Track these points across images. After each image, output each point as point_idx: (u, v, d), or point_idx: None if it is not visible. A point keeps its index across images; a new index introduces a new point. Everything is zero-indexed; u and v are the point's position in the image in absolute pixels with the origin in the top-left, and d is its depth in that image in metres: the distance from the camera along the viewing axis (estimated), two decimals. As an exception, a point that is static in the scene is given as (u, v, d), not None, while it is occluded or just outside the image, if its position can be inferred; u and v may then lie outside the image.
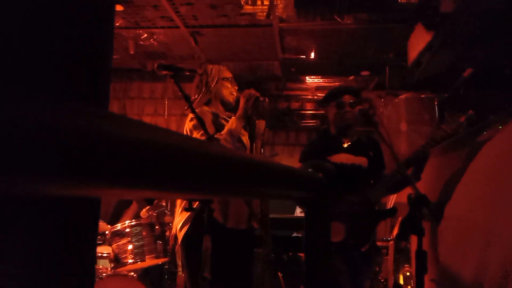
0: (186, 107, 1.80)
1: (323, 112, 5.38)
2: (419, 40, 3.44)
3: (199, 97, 2.10)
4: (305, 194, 0.76)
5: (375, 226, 2.27)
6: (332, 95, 2.38)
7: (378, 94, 4.80)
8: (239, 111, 1.97)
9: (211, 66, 2.23)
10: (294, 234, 3.44)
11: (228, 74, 2.20)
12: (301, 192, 0.74)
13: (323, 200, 0.86)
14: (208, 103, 2.14)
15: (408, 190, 2.34)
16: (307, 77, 4.69)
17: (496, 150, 2.21)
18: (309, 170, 0.89)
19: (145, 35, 3.49)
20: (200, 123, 1.63)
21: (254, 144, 2.16)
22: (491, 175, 2.15)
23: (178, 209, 2.05)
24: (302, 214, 4.31)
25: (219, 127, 2.01)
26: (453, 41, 3.25)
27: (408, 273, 3.31)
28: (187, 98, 1.66)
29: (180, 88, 1.69)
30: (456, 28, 3.00)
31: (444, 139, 2.19)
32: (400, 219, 3.65)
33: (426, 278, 1.81)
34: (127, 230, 2.75)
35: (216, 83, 2.16)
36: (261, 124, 2.17)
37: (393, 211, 2.33)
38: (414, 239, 2.41)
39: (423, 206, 1.84)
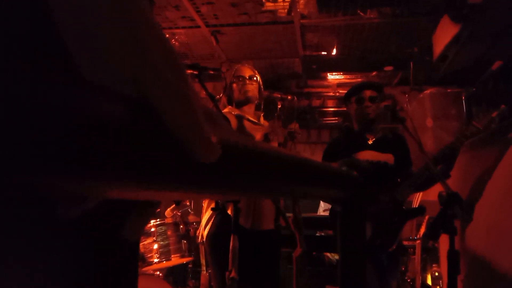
0: (211, 107, 1.79)
1: (345, 109, 5.32)
2: (445, 33, 3.34)
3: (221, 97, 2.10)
4: (341, 194, 0.74)
5: (403, 226, 2.21)
6: (353, 91, 2.35)
7: (402, 90, 4.70)
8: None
9: (231, 66, 2.24)
10: (318, 233, 3.40)
11: (243, 73, 2.17)
12: (337, 191, 0.71)
13: (359, 199, 0.83)
14: (230, 103, 2.14)
15: (435, 188, 2.27)
16: (328, 74, 4.62)
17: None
18: (344, 168, 0.86)
19: (167, 35, 3.51)
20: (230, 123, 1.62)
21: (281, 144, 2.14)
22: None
23: (205, 207, 2.04)
24: (325, 213, 4.26)
25: (241, 130, 2.00)
26: (482, 33, 3.14)
27: (436, 273, 3.22)
28: (212, 97, 1.65)
29: (205, 87, 1.68)
30: (484, 19, 2.90)
31: (474, 135, 2.11)
32: (427, 217, 3.57)
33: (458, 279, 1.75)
34: (152, 229, 2.78)
35: (230, 83, 2.16)
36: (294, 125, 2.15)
37: (422, 210, 2.26)
38: (442, 239, 2.33)
39: (455, 204, 1.77)
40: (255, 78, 2.17)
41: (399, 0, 2.89)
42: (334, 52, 3.83)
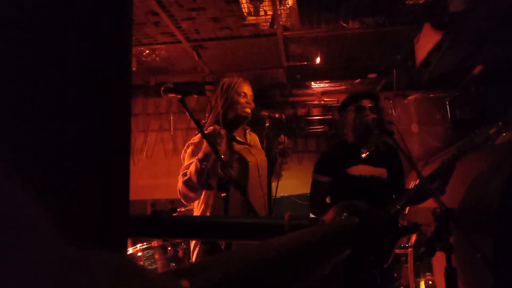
0: (196, 132, 1.72)
1: (330, 117, 5.31)
2: (427, 40, 3.36)
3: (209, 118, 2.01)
4: (348, 249, 0.68)
5: (397, 242, 2.18)
6: (351, 100, 2.28)
7: (386, 95, 4.71)
8: (201, 152, 1.76)
9: (224, 80, 2.14)
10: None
11: (246, 90, 2.10)
12: (346, 250, 0.65)
13: (363, 247, 0.77)
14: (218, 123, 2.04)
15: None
16: (312, 83, 4.61)
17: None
18: (344, 214, 0.80)
19: (147, 51, 3.43)
20: (213, 148, 1.55)
21: (271, 160, 2.09)
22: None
23: None
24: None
25: (231, 150, 1.94)
26: (463, 39, 3.16)
27: (430, 282, 3.21)
28: (197, 123, 1.58)
29: (189, 111, 1.61)
30: (466, 26, 2.92)
31: (471, 150, 2.08)
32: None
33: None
34: (139, 254, 2.68)
35: (231, 98, 2.06)
36: (282, 138, 2.10)
37: (416, 227, 2.23)
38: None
39: (450, 221, 1.74)
40: (252, 98, 2.12)
41: (381, 10, 2.88)
42: (318, 61, 3.81)
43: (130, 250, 2.72)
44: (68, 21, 0.30)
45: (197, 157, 1.73)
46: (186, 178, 1.76)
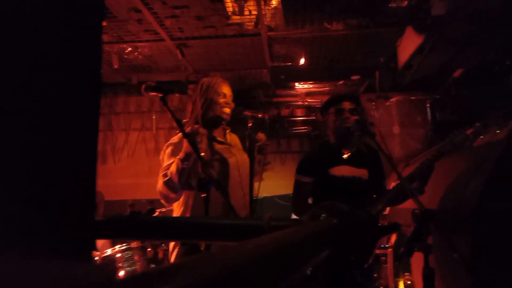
0: (177, 132, 1.70)
1: (314, 118, 5.34)
2: (409, 43, 3.40)
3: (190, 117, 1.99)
4: (326, 250, 0.67)
5: (377, 241, 2.20)
6: (331, 102, 2.30)
7: (369, 97, 4.76)
8: (182, 152, 1.75)
9: (203, 80, 2.11)
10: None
11: (225, 90, 2.08)
12: (325, 250, 0.64)
13: (342, 248, 0.77)
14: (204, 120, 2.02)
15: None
16: (296, 83, 4.61)
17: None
18: (323, 215, 0.80)
19: (130, 49, 3.37)
20: (193, 147, 1.53)
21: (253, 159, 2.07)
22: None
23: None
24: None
25: (212, 150, 1.92)
26: (445, 43, 3.21)
27: (409, 282, 3.25)
28: (178, 122, 1.55)
29: (171, 111, 1.58)
30: (448, 30, 2.96)
31: (450, 151, 2.12)
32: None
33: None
34: (118, 255, 2.63)
35: (210, 99, 2.04)
36: (260, 136, 2.08)
37: (396, 226, 2.25)
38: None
39: (428, 221, 1.76)
40: (231, 98, 2.10)
41: (365, 12, 2.90)
42: (302, 62, 3.82)
43: (109, 252, 2.67)
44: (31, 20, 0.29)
45: (178, 157, 1.71)
46: (166, 178, 1.74)
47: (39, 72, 0.28)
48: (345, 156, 2.27)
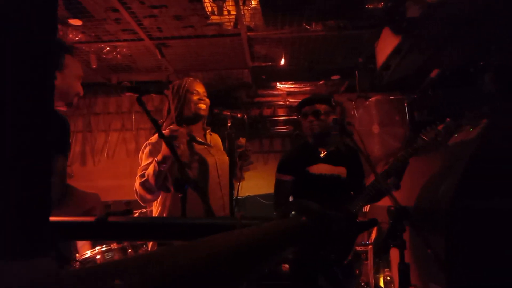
0: (154, 131, 1.69)
1: (295, 117, 5.37)
2: (387, 44, 3.46)
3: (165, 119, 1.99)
4: (293, 247, 0.69)
5: (356, 238, 2.24)
6: (304, 104, 2.36)
7: (349, 97, 4.82)
8: (160, 155, 1.75)
9: (175, 82, 2.13)
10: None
11: (198, 88, 2.09)
12: (290, 248, 0.66)
13: (311, 245, 0.78)
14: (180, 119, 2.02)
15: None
16: (278, 83, 4.64)
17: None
18: (292, 213, 0.81)
19: (108, 48, 3.33)
20: (171, 149, 1.52)
21: (233, 161, 2.07)
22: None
23: None
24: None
25: (191, 151, 1.92)
26: (420, 44, 3.29)
27: (388, 278, 3.31)
28: (154, 122, 1.55)
29: (147, 111, 1.57)
30: (423, 32, 3.03)
31: (422, 147, 2.19)
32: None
33: None
34: (98, 257, 2.60)
35: (184, 96, 2.05)
36: (241, 141, 2.10)
37: (374, 222, 2.30)
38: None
39: (403, 218, 1.81)
40: (205, 95, 2.10)
41: (343, 13, 2.94)
42: (282, 62, 3.84)
43: (89, 253, 2.63)
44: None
45: (155, 159, 1.72)
46: (143, 179, 1.75)
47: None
48: (322, 155, 2.31)
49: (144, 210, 3.04)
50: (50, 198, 0.37)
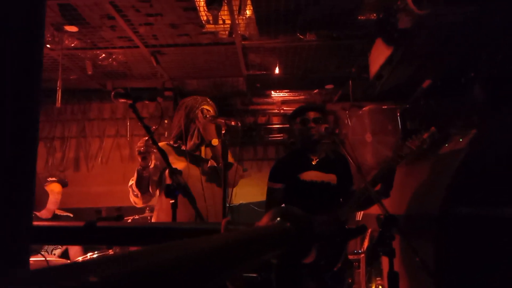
0: (147, 138, 1.72)
1: (289, 125, 5.41)
2: (379, 54, 3.51)
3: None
4: (276, 252, 0.71)
5: (346, 245, 2.26)
6: (297, 113, 2.40)
7: (343, 106, 4.86)
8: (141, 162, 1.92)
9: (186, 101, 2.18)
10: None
11: (210, 112, 2.14)
12: (273, 253, 0.68)
13: (295, 252, 0.80)
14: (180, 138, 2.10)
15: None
16: (272, 92, 4.68)
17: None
18: (277, 219, 0.83)
19: (103, 55, 3.36)
20: (162, 155, 1.55)
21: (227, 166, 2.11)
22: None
23: None
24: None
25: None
26: (412, 54, 3.34)
27: (380, 286, 3.32)
28: (147, 129, 1.57)
29: (140, 118, 1.60)
30: (414, 42, 3.09)
31: (409, 155, 2.23)
32: (369, 231, 3.69)
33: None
34: (90, 263, 2.59)
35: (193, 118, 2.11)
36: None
37: (363, 229, 2.31)
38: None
39: (392, 226, 1.83)
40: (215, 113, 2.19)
41: (336, 23, 2.99)
42: (276, 71, 3.89)
43: (80, 259, 2.63)
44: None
45: (137, 167, 1.84)
46: (131, 184, 1.87)
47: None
48: (313, 162, 2.34)
49: (137, 217, 3.04)
50: (33, 204, 0.39)
